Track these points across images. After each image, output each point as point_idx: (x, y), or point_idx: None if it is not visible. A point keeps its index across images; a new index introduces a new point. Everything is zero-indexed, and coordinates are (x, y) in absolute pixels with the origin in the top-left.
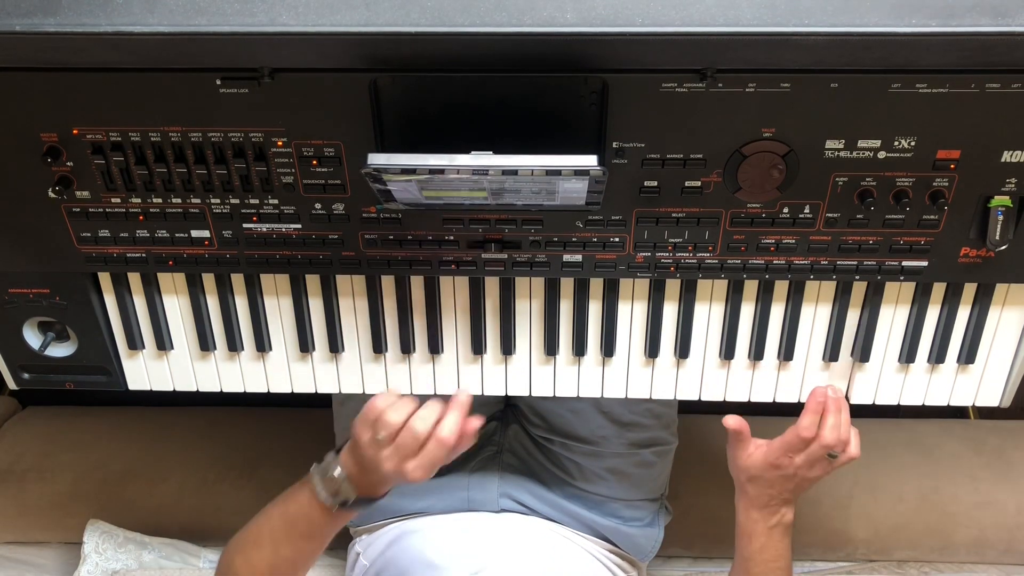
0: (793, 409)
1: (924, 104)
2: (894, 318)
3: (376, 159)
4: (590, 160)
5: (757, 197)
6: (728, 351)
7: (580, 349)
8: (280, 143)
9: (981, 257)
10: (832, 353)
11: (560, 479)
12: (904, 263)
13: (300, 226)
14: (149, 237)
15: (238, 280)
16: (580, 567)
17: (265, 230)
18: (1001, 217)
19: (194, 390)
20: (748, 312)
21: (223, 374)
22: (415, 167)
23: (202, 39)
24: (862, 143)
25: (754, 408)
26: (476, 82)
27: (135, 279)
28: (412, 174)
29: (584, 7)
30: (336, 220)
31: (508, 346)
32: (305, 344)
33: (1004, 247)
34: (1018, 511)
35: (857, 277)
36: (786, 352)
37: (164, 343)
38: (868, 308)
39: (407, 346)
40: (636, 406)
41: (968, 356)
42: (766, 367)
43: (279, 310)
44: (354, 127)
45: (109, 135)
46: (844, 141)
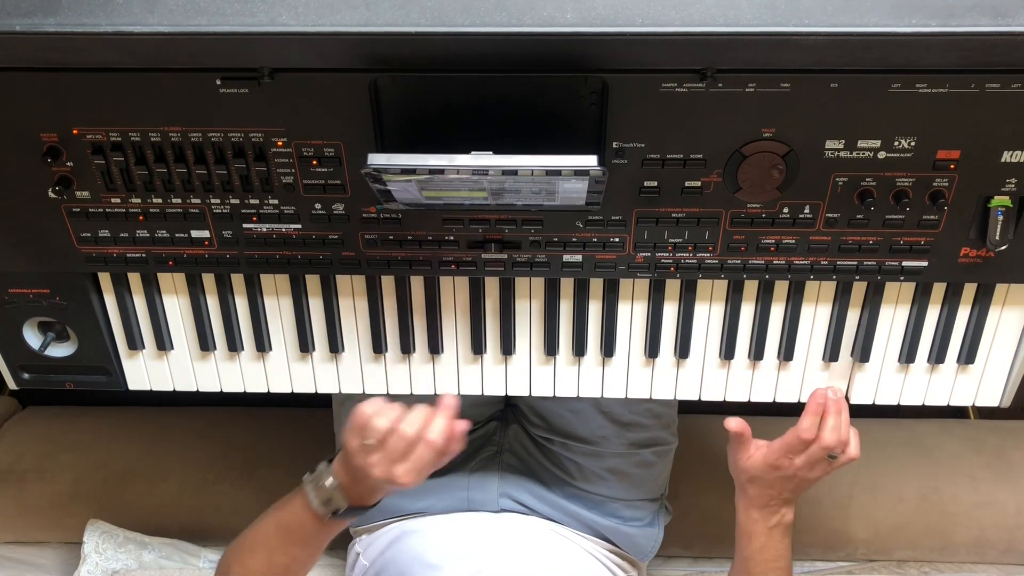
0: (793, 409)
1: (924, 104)
2: (894, 318)
3: (376, 159)
4: (590, 160)
5: (757, 197)
6: (728, 351)
7: (580, 349)
8: (280, 143)
9: (981, 257)
10: (832, 353)
11: (560, 479)
12: (904, 263)
13: (300, 226)
14: (149, 237)
15: (238, 280)
16: (580, 567)
17: (265, 230)
18: (1001, 217)
19: (194, 390)
20: (748, 312)
21: (223, 374)
22: (415, 167)
23: (202, 39)
24: (862, 143)
25: (754, 408)
26: (476, 82)
27: (135, 279)
28: (412, 174)
29: (584, 7)
30: (336, 220)
31: (508, 346)
32: (305, 344)
33: (1004, 247)
34: (1018, 511)
35: (857, 277)
36: (786, 352)
37: (164, 343)
38: (868, 308)
39: (407, 346)
40: (636, 406)
41: (968, 356)
42: (766, 367)
43: (279, 310)
44: (354, 127)
45: (109, 135)
46: (844, 141)
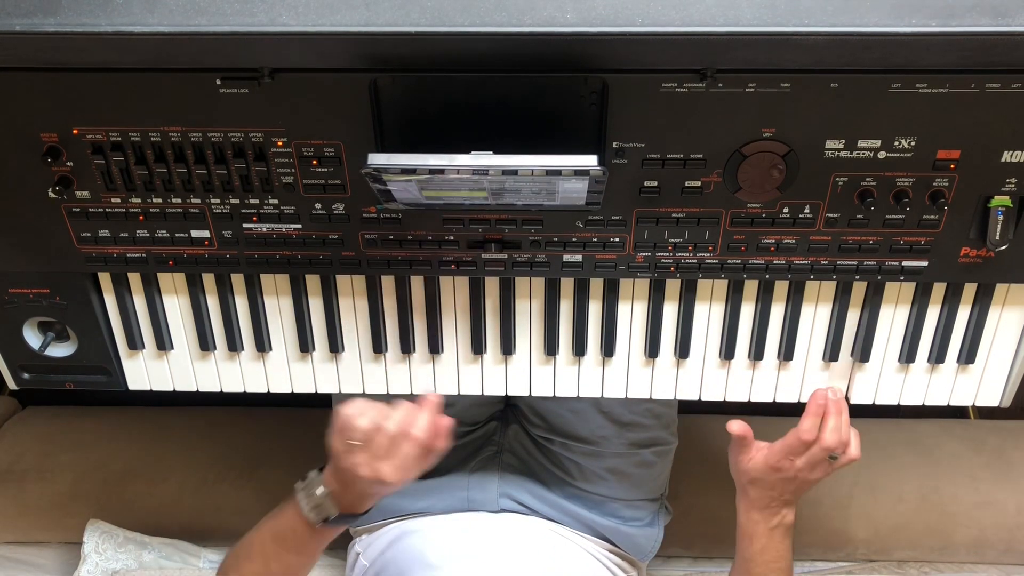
0: (793, 409)
1: (924, 104)
2: (894, 318)
3: (376, 159)
4: (590, 160)
5: (757, 197)
6: (728, 351)
7: (580, 349)
8: (280, 143)
9: (981, 257)
10: (832, 353)
11: (560, 479)
12: (904, 263)
13: (300, 226)
14: (149, 237)
15: (238, 280)
16: (580, 567)
17: (265, 230)
18: (1001, 217)
19: (194, 390)
20: (748, 312)
21: (223, 374)
22: (415, 167)
23: (202, 39)
24: (862, 143)
25: (754, 408)
26: (476, 82)
27: (135, 279)
28: (412, 174)
29: (584, 7)
30: (336, 220)
31: (508, 346)
32: (305, 344)
33: (1004, 247)
34: (1018, 511)
35: (857, 277)
36: (786, 352)
37: (164, 343)
38: (868, 308)
39: (407, 346)
40: (636, 406)
41: (968, 356)
42: (766, 367)
43: (279, 310)
44: (354, 127)
45: (109, 135)
46: (844, 141)
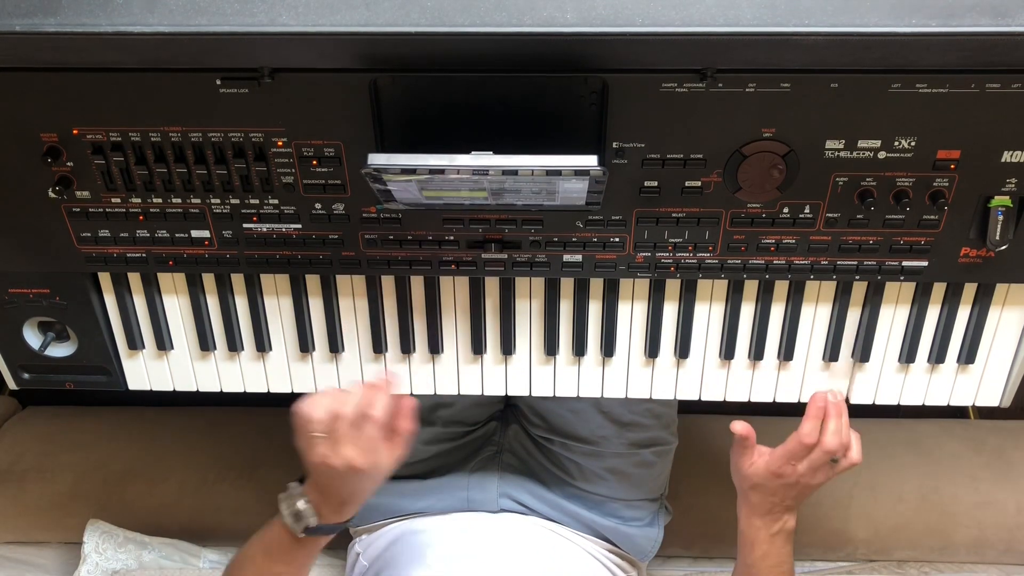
0: (793, 409)
1: (924, 104)
2: (894, 318)
3: (376, 159)
4: (590, 160)
5: (757, 197)
6: (728, 351)
7: (580, 349)
8: (280, 143)
9: (981, 257)
10: (832, 353)
11: (560, 479)
12: (904, 263)
13: (300, 226)
14: (149, 237)
15: (238, 280)
16: (580, 567)
17: (265, 230)
18: (1001, 217)
19: (194, 390)
20: (748, 312)
21: (223, 374)
22: (415, 167)
23: (202, 39)
24: (862, 143)
25: (754, 408)
26: (476, 82)
27: (135, 279)
28: (412, 174)
29: (584, 7)
30: (336, 220)
31: (508, 346)
32: (305, 344)
33: (1004, 247)
34: (1018, 511)
35: (857, 277)
36: (786, 352)
37: (164, 343)
38: (868, 308)
39: (407, 346)
40: (636, 406)
41: (968, 356)
42: (766, 367)
43: (279, 310)
44: (354, 127)
45: (109, 135)
46: (844, 141)
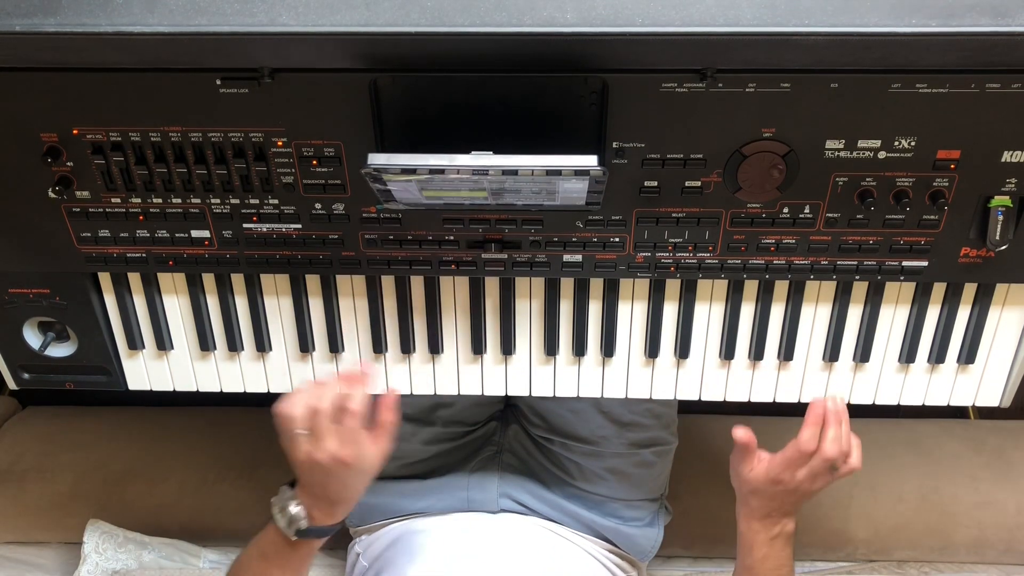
0: (793, 409)
1: (924, 104)
2: (894, 318)
3: (376, 159)
4: (590, 160)
5: (757, 197)
6: (728, 351)
7: (580, 349)
8: (280, 143)
9: (981, 257)
10: (832, 353)
11: (560, 479)
12: (904, 263)
13: (300, 226)
14: (149, 237)
15: (238, 280)
16: (580, 567)
17: (265, 230)
18: (1001, 217)
19: (194, 390)
20: (748, 312)
21: (223, 374)
22: (415, 167)
23: (202, 39)
24: (862, 143)
25: (754, 408)
26: (476, 82)
27: (135, 279)
28: (412, 174)
29: (584, 7)
30: (336, 220)
31: (508, 346)
32: (305, 344)
33: (1004, 247)
34: (1018, 511)
35: (857, 277)
36: (786, 352)
37: (164, 343)
38: (868, 308)
39: (407, 346)
40: (636, 406)
41: (968, 356)
42: (766, 367)
43: (279, 310)
44: (354, 127)
45: (109, 135)
46: (844, 141)
